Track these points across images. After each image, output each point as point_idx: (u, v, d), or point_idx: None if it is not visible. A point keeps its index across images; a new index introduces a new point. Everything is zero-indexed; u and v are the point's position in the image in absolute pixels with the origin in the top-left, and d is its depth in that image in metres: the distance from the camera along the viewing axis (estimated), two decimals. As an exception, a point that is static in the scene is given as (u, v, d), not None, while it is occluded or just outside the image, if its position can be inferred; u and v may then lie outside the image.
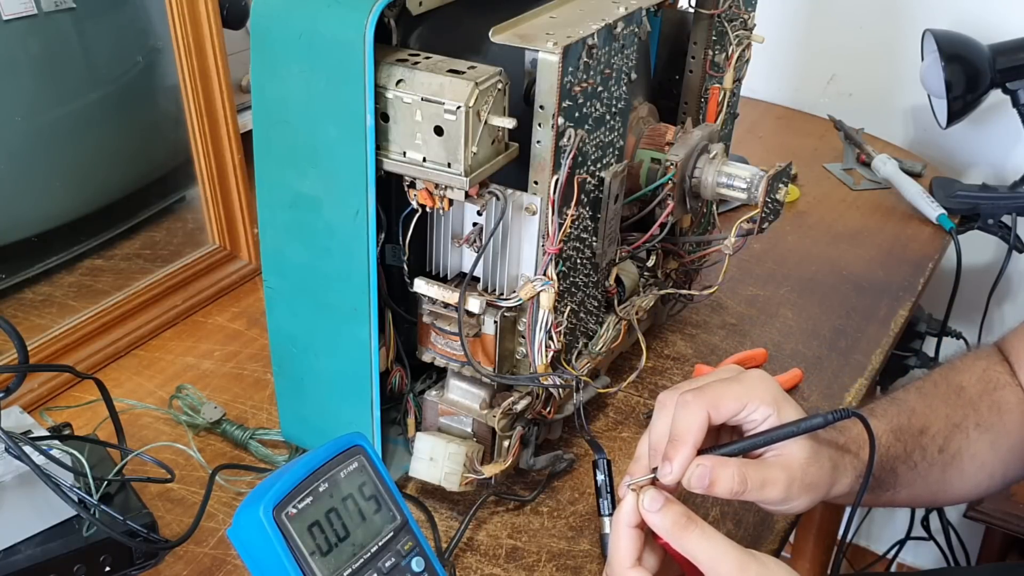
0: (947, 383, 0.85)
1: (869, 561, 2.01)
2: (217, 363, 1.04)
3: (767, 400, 0.70)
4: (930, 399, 0.83)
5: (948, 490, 0.83)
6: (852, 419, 0.70)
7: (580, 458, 0.92)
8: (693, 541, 0.64)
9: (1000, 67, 1.40)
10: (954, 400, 0.83)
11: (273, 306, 0.85)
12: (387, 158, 0.75)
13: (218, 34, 1.10)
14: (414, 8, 0.75)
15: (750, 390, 0.70)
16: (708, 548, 0.64)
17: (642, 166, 0.92)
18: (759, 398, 0.70)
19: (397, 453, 0.90)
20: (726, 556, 0.63)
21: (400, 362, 0.87)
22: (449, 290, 0.79)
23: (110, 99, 1.11)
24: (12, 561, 0.74)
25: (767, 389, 0.70)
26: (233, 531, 0.65)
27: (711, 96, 1.03)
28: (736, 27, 1.01)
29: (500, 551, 0.84)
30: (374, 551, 0.67)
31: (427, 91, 0.71)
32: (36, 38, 1.01)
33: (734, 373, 0.73)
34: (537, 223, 0.77)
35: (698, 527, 0.65)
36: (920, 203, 1.39)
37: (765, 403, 0.69)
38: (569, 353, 0.88)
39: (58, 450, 0.76)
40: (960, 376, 0.86)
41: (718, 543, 0.64)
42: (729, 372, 0.73)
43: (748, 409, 0.69)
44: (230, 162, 1.15)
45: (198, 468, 0.88)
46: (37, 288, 1.04)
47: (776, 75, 1.74)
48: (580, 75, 0.76)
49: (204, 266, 1.14)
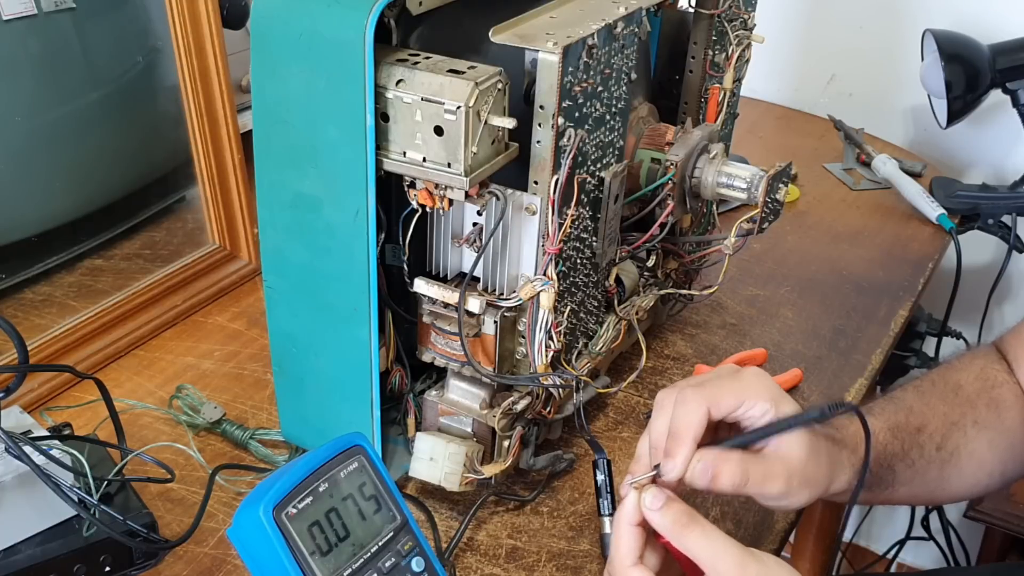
0: (945, 382, 0.85)
1: (869, 561, 2.01)
2: (217, 363, 1.04)
3: (764, 396, 0.70)
4: (928, 397, 0.83)
5: (947, 488, 0.83)
6: (850, 416, 0.70)
7: (580, 458, 0.92)
8: (694, 539, 0.64)
9: (1000, 67, 1.40)
10: (952, 398, 0.83)
11: (273, 306, 0.85)
12: (387, 158, 0.75)
13: (218, 34, 1.10)
14: (414, 8, 0.75)
15: (748, 387, 0.71)
16: (709, 547, 0.64)
17: (642, 166, 0.92)
18: (757, 394, 0.70)
19: (397, 453, 0.90)
20: (726, 554, 0.63)
21: (400, 362, 0.87)
22: (449, 290, 0.79)
23: (110, 99, 1.11)
24: (12, 561, 0.74)
25: (765, 386, 0.71)
26: (233, 531, 0.65)
27: (711, 96, 1.03)
28: (736, 27, 1.01)
29: (500, 551, 0.84)
30: (374, 551, 0.67)
31: (427, 91, 0.71)
32: (36, 38, 1.01)
33: (732, 371, 0.73)
34: (537, 223, 0.77)
35: (699, 526, 0.65)
36: (920, 203, 1.39)
37: (763, 399, 0.70)
38: (569, 353, 0.88)
39: (58, 450, 0.76)
40: (958, 375, 0.86)
41: (719, 542, 0.64)
42: (727, 371, 0.74)
43: (746, 405, 0.70)
44: (230, 162, 1.15)
45: (198, 468, 0.88)
46: (37, 288, 1.04)
47: (776, 75, 1.74)
48: (580, 75, 0.76)
49: (204, 266, 1.14)
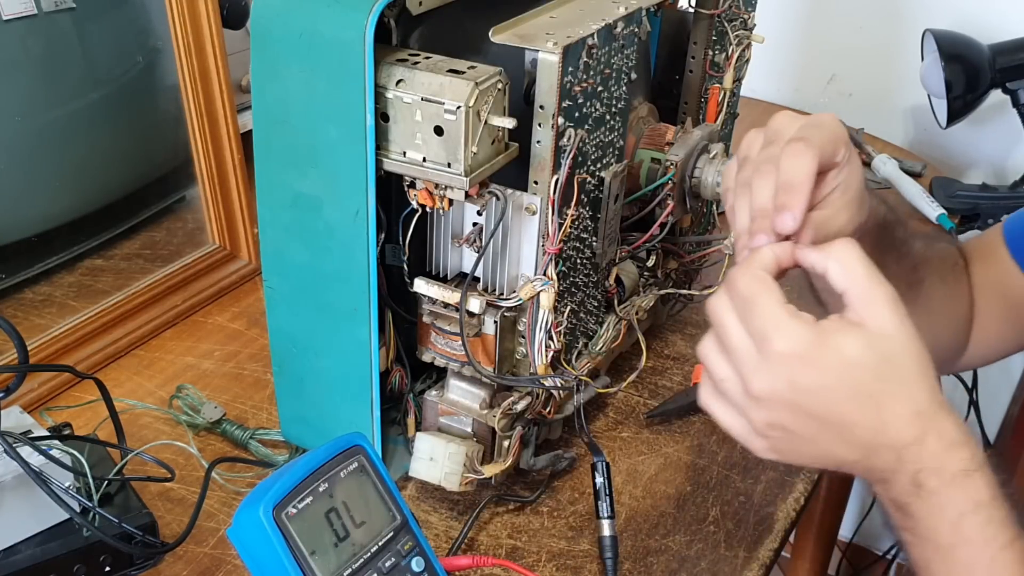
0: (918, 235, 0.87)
1: (869, 561, 2.01)
2: (217, 363, 1.04)
3: (845, 138, 0.68)
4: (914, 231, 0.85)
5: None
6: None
7: (580, 458, 0.92)
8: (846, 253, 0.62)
9: (1000, 67, 1.40)
10: (926, 245, 0.86)
11: (273, 306, 0.85)
12: (387, 158, 0.75)
13: (218, 34, 1.10)
14: (414, 8, 0.75)
15: (835, 130, 0.68)
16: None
17: (642, 166, 0.92)
18: (842, 136, 0.68)
19: (397, 453, 0.90)
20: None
21: (400, 362, 0.87)
22: (449, 290, 0.79)
23: (110, 99, 1.11)
24: (12, 561, 0.74)
25: (841, 127, 0.69)
26: (233, 531, 0.65)
27: (711, 96, 1.03)
28: (736, 27, 1.01)
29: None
30: (374, 551, 0.67)
31: (427, 91, 0.71)
32: (36, 38, 1.01)
33: (795, 122, 0.69)
34: (537, 223, 0.77)
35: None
36: (920, 203, 1.39)
37: (844, 141, 0.68)
38: (569, 353, 0.88)
39: (58, 450, 0.76)
40: (929, 240, 0.89)
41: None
42: (793, 121, 0.69)
43: (841, 152, 0.68)
44: (230, 162, 1.15)
45: (198, 468, 0.88)
46: (37, 288, 1.04)
47: (776, 75, 1.74)
48: (580, 75, 0.76)
49: (204, 266, 1.14)
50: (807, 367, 0.60)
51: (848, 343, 0.60)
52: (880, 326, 0.60)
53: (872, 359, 0.59)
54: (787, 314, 0.61)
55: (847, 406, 0.60)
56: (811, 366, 0.60)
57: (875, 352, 0.60)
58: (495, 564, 0.80)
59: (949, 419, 0.60)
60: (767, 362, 0.60)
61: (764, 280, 0.62)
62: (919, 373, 0.60)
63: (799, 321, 0.60)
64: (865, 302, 0.60)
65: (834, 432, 0.61)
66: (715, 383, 0.64)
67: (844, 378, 0.59)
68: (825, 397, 0.60)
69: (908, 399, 0.60)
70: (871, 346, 0.60)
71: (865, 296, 0.61)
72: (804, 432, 0.61)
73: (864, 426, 0.60)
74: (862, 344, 0.60)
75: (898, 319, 0.60)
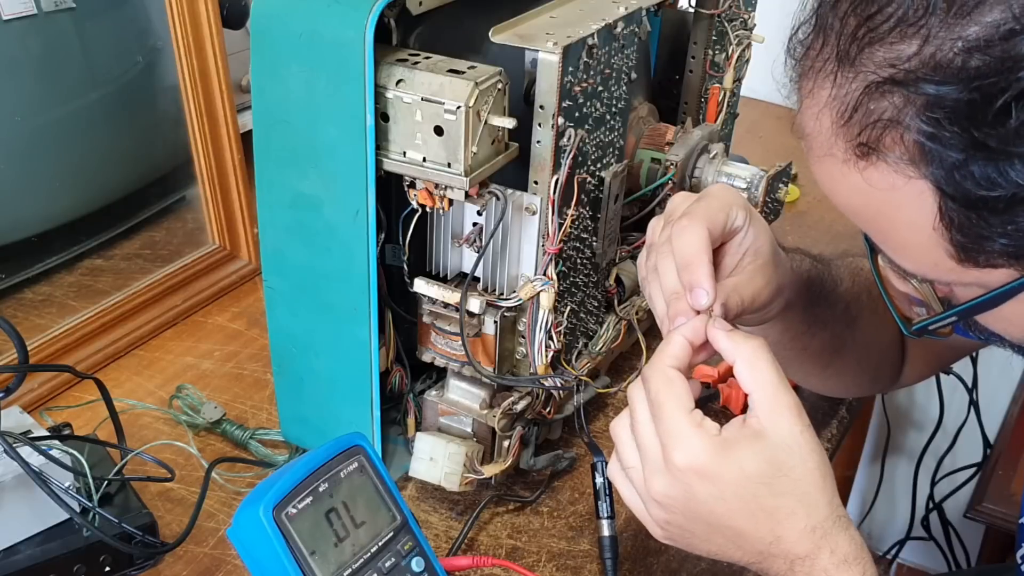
0: (853, 267, 0.87)
1: (869, 561, 2.00)
2: (217, 363, 1.04)
3: (739, 202, 0.70)
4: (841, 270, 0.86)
5: (844, 355, 0.86)
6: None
7: (580, 458, 0.92)
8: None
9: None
10: (852, 279, 0.86)
11: (273, 306, 0.85)
12: (387, 158, 0.75)
13: (218, 34, 1.10)
14: (414, 8, 0.75)
15: (724, 197, 0.70)
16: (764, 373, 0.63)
17: (642, 166, 0.92)
18: (733, 202, 0.70)
19: (397, 453, 0.90)
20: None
21: (400, 362, 0.87)
22: (449, 290, 0.79)
23: (110, 99, 1.11)
24: (12, 561, 0.74)
25: (733, 193, 0.71)
26: (233, 531, 0.65)
27: (711, 96, 1.03)
28: (736, 27, 1.01)
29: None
30: (374, 551, 0.67)
31: (427, 91, 0.71)
32: (36, 38, 1.01)
33: (697, 195, 0.72)
34: (537, 223, 0.77)
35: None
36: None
37: (738, 205, 0.70)
38: (569, 353, 0.88)
39: (58, 450, 0.76)
40: (857, 269, 0.88)
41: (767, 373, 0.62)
42: (689, 197, 0.72)
43: (731, 215, 0.69)
44: (230, 162, 1.15)
45: (198, 468, 0.88)
46: (37, 288, 1.04)
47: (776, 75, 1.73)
48: (580, 75, 0.76)
49: (204, 266, 1.14)
50: (704, 481, 0.61)
51: (747, 457, 0.60)
52: (782, 437, 0.61)
53: (770, 474, 0.60)
54: (689, 425, 0.61)
55: (742, 520, 0.61)
56: (708, 480, 0.60)
57: (774, 467, 0.60)
58: (495, 564, 0.80)
59: (844, 534, 0.61)
60: (667, 469, 0.61)
61: (671, 382, 0.63)
62: (818, 487, 0.61)
63: (700, 433, 0.61)
64: (767, 409, 0.61)
65: (728, 539, 0.62)
66: (622, 464, 0.65)
67: (741, 493, 0.60)
68: (721, 509, 0.61)
69: (804, 515, 0.61)
70: (770, 461, 0.60)
71: (769, 403, 0.61)
72: (699, 534, 0.63)
73: (758, 538, 0.61)
74: (762, 458, 0.60)
75: (799, 430, 0.61)
